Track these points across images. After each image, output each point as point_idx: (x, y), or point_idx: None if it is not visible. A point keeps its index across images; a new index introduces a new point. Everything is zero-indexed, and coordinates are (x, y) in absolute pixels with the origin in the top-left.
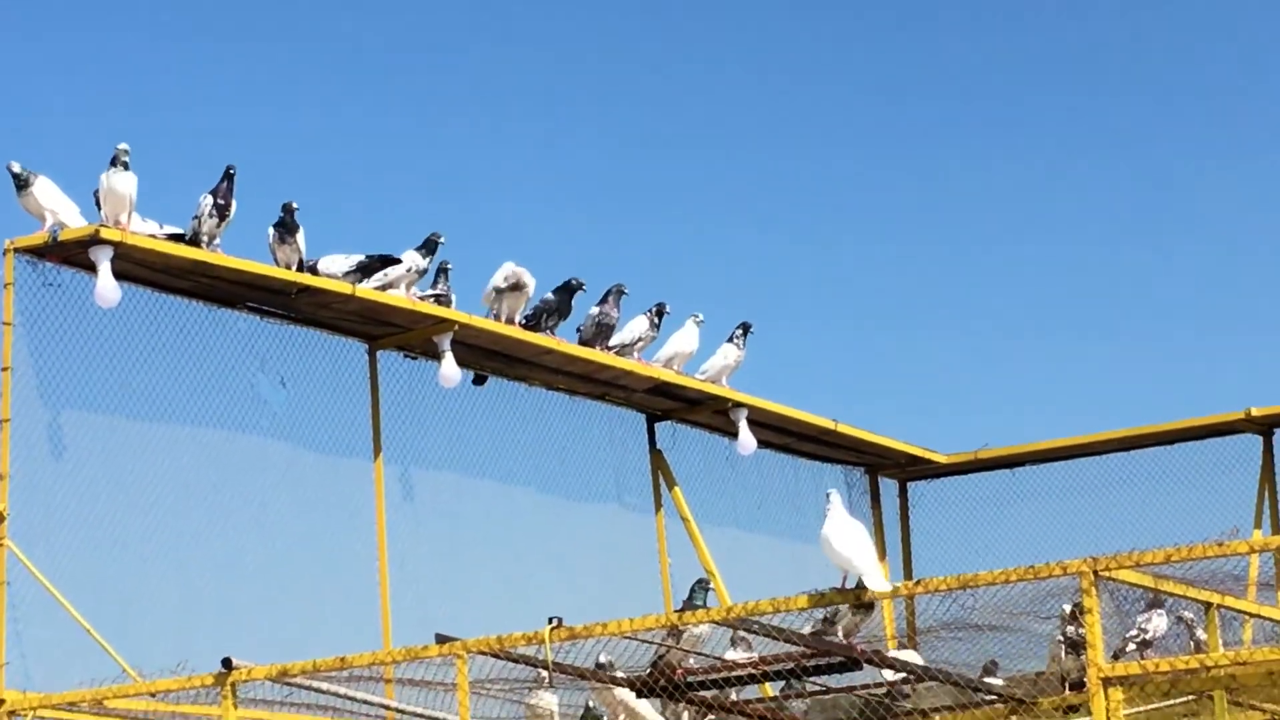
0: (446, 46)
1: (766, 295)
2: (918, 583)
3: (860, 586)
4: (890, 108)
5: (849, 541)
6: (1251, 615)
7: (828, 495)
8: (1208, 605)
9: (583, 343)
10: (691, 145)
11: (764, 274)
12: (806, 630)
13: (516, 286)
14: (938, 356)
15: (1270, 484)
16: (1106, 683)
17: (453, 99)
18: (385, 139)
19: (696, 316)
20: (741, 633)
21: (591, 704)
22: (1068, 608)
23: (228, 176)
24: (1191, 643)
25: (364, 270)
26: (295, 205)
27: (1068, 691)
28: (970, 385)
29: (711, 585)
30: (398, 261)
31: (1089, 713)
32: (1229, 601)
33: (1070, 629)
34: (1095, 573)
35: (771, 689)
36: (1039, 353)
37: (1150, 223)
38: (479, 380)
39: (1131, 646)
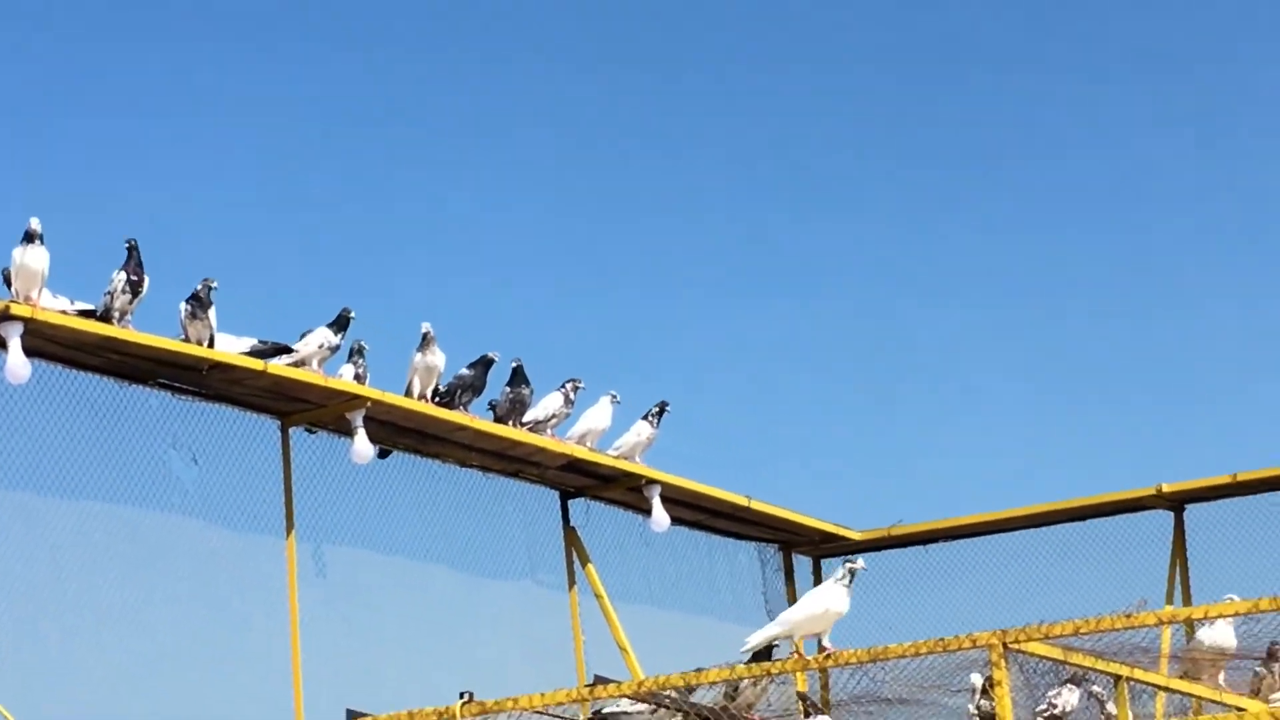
0: (358, 114)
1: (680, 370)
2: (827, 655)
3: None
4: (792, 177)
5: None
6: (1161, 688)
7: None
8: (1117, 678)
9: (497, 419)
10: (608, 218)
11: (677, 348)
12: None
13: (426, 342)
14: (851, 433)
15: (1181, 559)
16: None
17: (362, 166)
18: (297, 219)
19: (614, 395)
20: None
21: None
22: (977, 679)
23: (131, 250)
24: (1102, 717)
25: (257, 356)
26: (214, 283)
27: None
28: (883, 462)
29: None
30: (289, 350)
31: None
32: (1138, 674)
33: (984, 702)
34: (1004, 645)
35: None
36: (951, 429)
37: (1059, 299)
38: (383, 454)
39: None
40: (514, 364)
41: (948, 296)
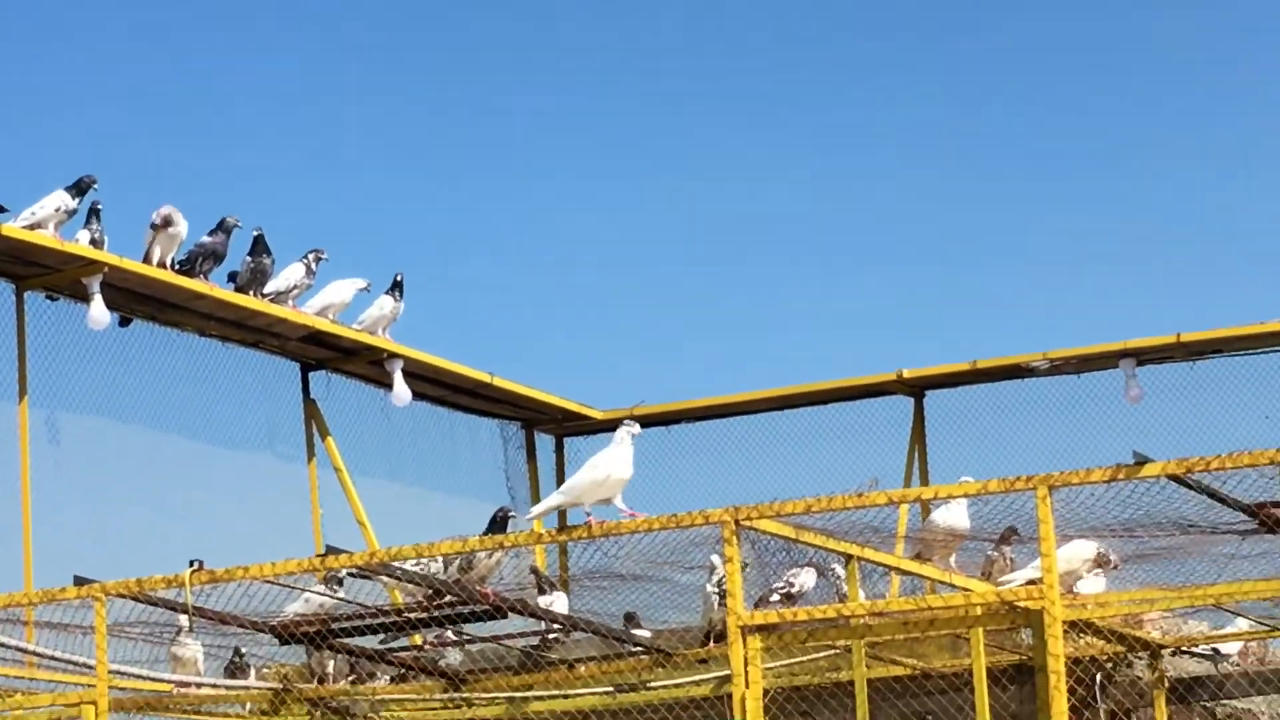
0: None
1: (424, 247)
2: (562, 529)
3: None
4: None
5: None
6: (891, 568)
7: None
8: (848, 557)
9: (238, 289)
10: (351, 95)
11: (421, 225)
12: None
13: (168, 223)
14: (596, 314)
15: (920, 444)
16: (745, 631)
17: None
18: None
19: (366, 284)
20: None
21: (243, 649)
22: (718, 561)
23: None
24: (836, 597)
25: None
26: None
27: (712, 644)
28: (628, 343)
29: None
30: (4, 210)
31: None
32: (869, 554)
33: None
34: (737, 522)
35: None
36: (697, 312)
37: (806, 182)
38: (124, 321)
39: (776, 597)
40: (255, 233)
41: (694, 175)
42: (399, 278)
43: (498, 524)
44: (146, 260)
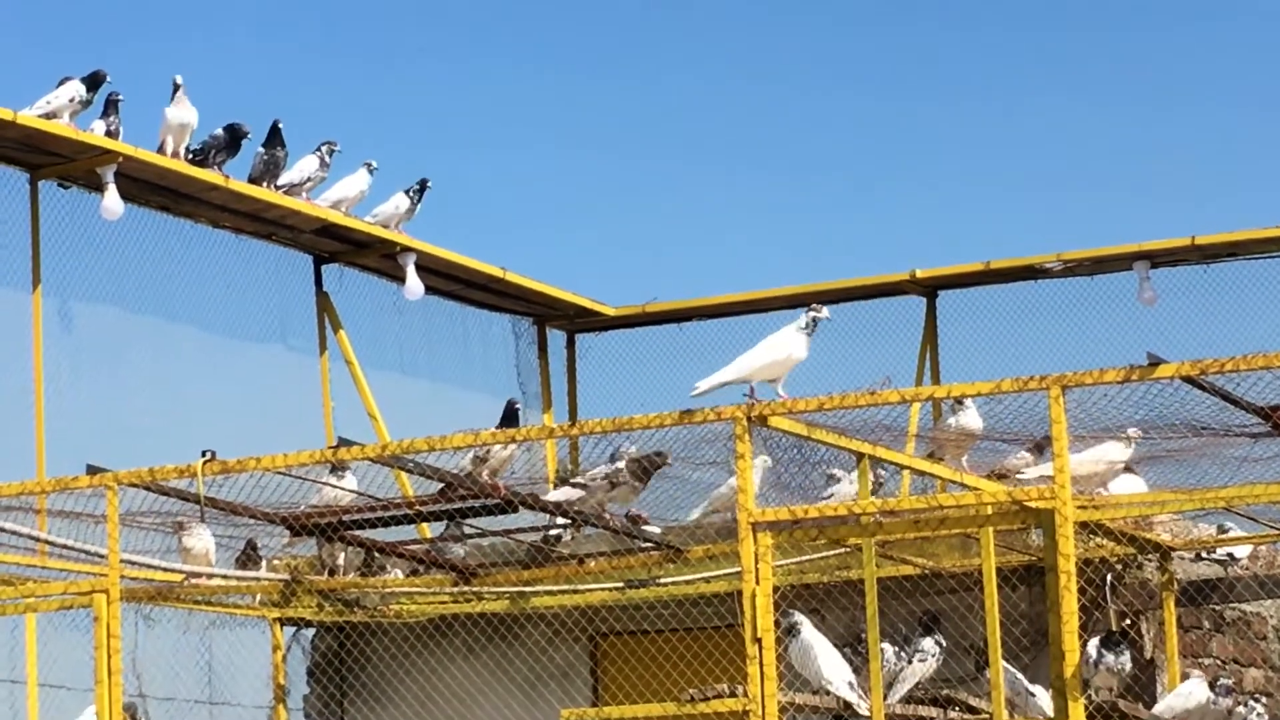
0: None
1: (440, 140)
2: (574, 424)
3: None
4: None
5: None
6: (904, 467)
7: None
8: (860, 456)
9: (251, 180)
10: None
11: (438, 118)
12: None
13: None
14: (609, 209)
15: (932, 344)
16: (755, 527)
17: None
18: None
19: (370, 164)
20: None
21: (257, 542)
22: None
23: None
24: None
25: None
26: None
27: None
28: (641, 239)
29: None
30: None
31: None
32: (881, 452)
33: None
34: (749, 419)
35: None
36: (710, 208)
37: (820, 78)
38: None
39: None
40: (274, 124)
41: (706, 74)
42: (428, 185)
43: (510, 417)
44: (160, 150)
